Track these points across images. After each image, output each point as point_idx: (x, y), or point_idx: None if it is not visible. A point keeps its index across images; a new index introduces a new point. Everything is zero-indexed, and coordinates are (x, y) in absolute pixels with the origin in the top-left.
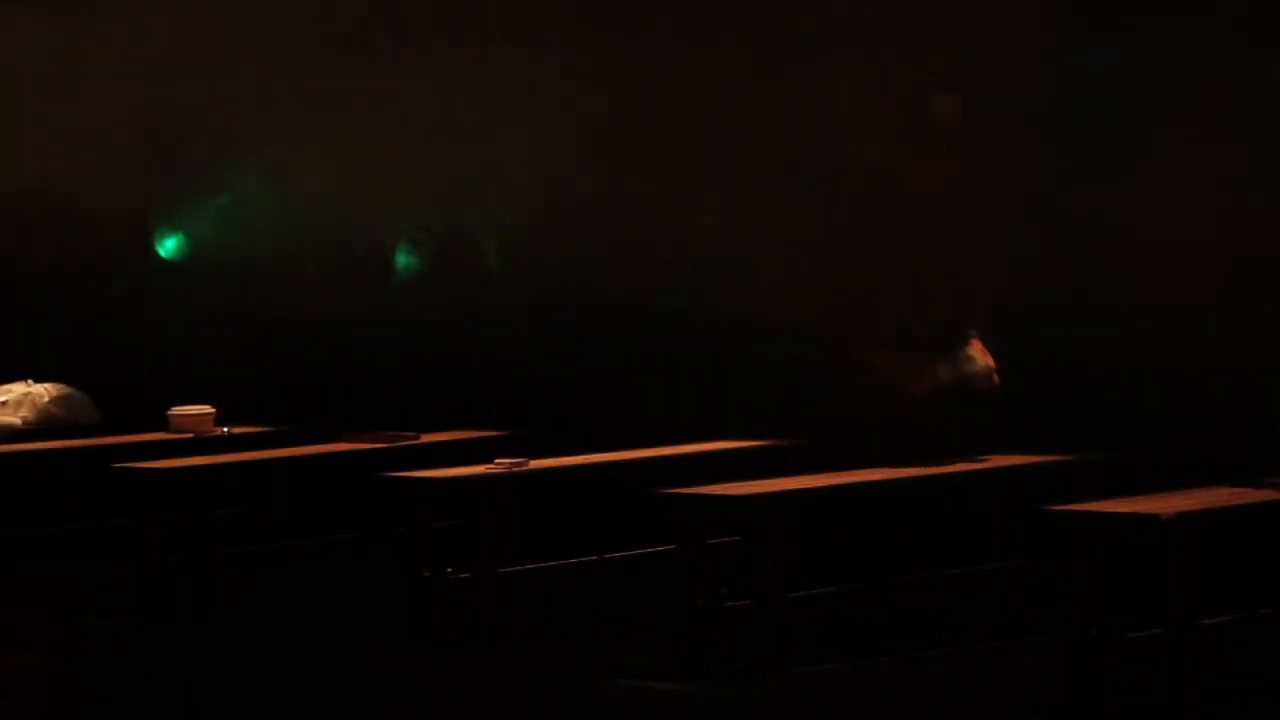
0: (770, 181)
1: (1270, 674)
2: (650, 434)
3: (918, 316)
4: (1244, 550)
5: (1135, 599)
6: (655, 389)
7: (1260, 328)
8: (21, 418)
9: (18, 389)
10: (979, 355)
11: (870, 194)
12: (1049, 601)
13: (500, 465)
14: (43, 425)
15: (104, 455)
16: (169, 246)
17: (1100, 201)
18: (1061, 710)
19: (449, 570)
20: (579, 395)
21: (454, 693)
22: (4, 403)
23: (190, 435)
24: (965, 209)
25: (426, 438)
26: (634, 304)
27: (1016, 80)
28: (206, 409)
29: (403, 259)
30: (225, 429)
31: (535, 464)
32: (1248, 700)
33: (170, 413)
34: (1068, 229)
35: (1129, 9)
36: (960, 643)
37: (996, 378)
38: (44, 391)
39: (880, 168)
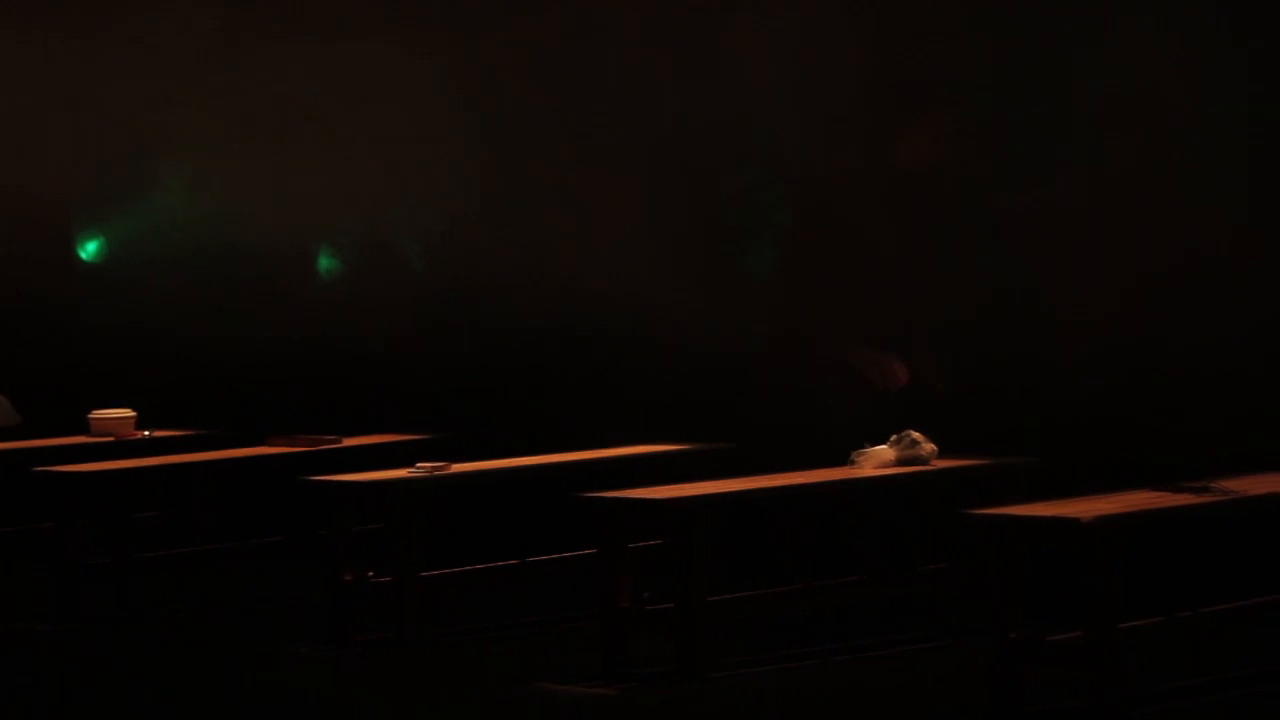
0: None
1: (1190, 677)
2: (573, 438)
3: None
4: (1164, 554)
5: (1058, 602)
6: (576, 395)
7: (1180, 333)
8: None
9: None
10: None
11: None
12: (972, 605)
13: (421, 469)
14: None
15: (24, 458)
16: (90, 250)
17: (1025, 206)
18: (982, 714)
19: (370, 574)
20: (501, 400)
21: (376, 697)
22: None
23: (111, 438)
24: (890, 216)
25: (348, 441)
26: (555, 311)
27: (944, 83)
28: (127, 412)
29: (324, 263)
30: (146, 432)
31: (456, 468)
32: (1168, 704)
33: (91, 416)
34: (992, 233)
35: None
36: (883, 646)
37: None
38: None
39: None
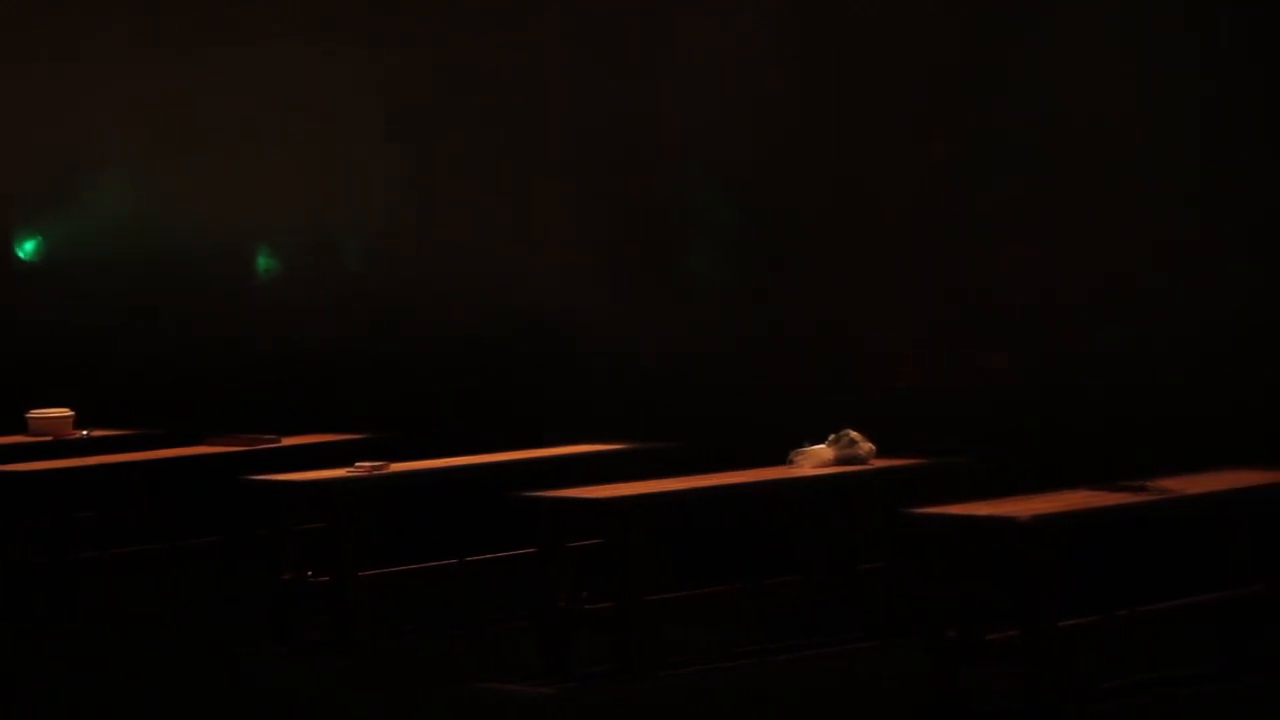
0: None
1: (1128, 676)
2: (512, 438)
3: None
4: (1102, 553)
5: (997, 601)
6: (516, 395)
7: (1122, 334)
8: None
9: None
10: (859, 440)
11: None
12: (911, 604)
13: (361, 468)
14: None
15: None
16: (27, 249)
17: (973, 205)
18: (922, 713)
19: (310, 574)
20: (440, 400)
21: (316, 697)
22: None
23: (50, 438)
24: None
25: (287, 441)
26: (493, 311)
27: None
28: (66, 412)
29: (263, 262)
30: (85, 432)
31: (396, 467)
32: (1106, 702)
33: (29, 415)
34: (939, 232)
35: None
36: (822, 645)
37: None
38: None
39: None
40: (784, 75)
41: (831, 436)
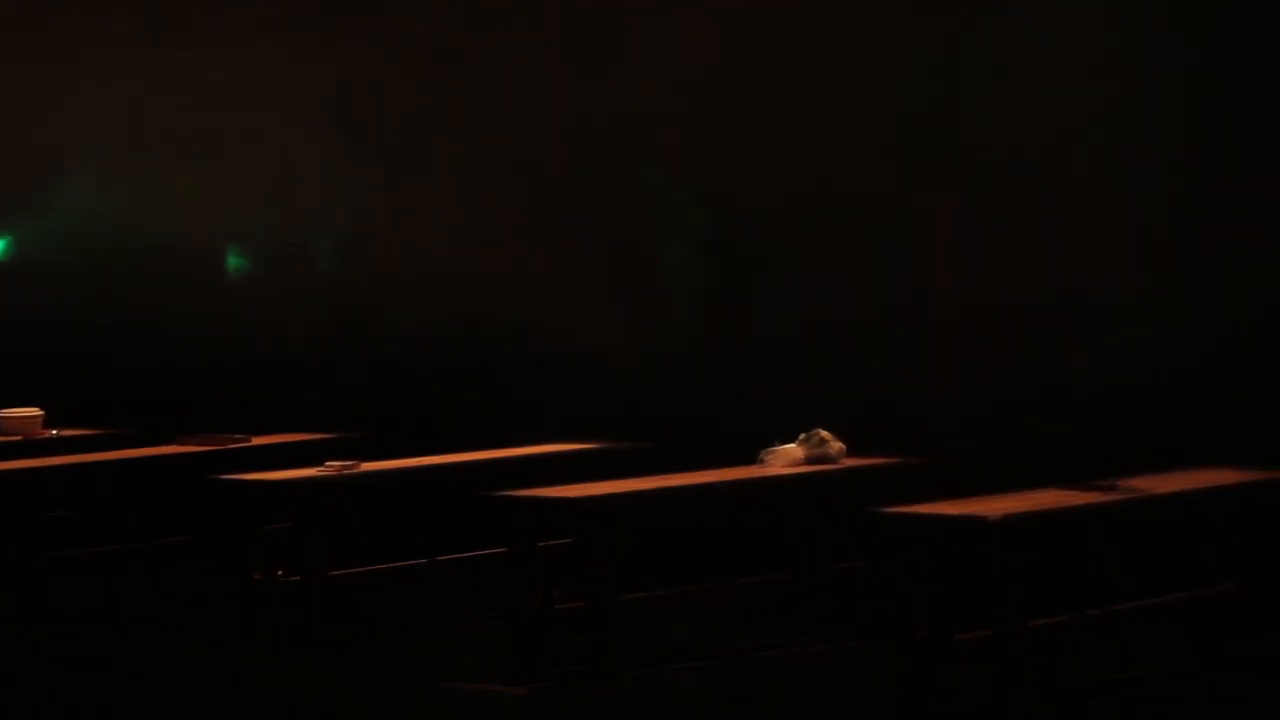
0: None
1: (1098, 675)
2: (483, 438)
3: None
4: (1072, 553)
5: (970, 601)
6: (487, 395)
7: (1088, 334)
8: None
9: None
10: (830, 439)
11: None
12: (881, 603)
13: (331, 468)
14: None
15: None
16: None
17: (942, 207)
18: (892, 712)
19: (280, 573)
20: (411, 399)
21: (286, 697)
22: None
23: (19, 438)
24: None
25: (257, 440)
26: (463, 313)
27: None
28: (34, 411)
29: (233, 261)
30: (54, 431)
31: (366, 466)
32: (1076, 702)
33: None
34: (908, 233)
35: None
36: (793, 644)
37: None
38: None
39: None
40: (752, 75)
41: (802, 436)
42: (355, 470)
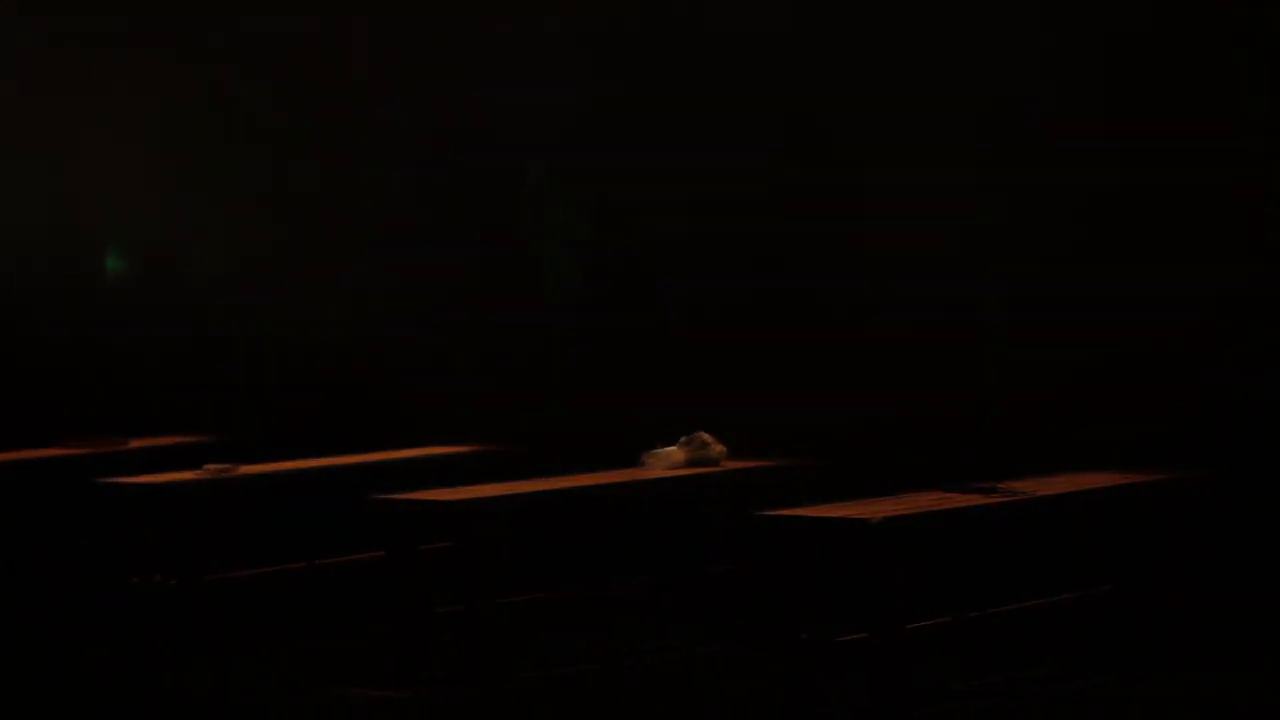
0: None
1: (979, 677)
2: (362, 441)
3: None
4: (953, 554)
5: (852, 603)
6: (365, 398)
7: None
8: None
9: None
10: (711, 442)
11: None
12: (762, 605)
13: (209, 471)
14: None
15: None
16: None
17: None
18: (774, 714)
19: (158, 578)
20: (290, 402)
21: (162, 701)
22: None
23: None
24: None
25: (136, 443)
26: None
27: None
28: None
29: (112, 263)
30: None
31: (245, 469)
32: (956, 703)
33: None
34: (782, 236)
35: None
36: (674, 647)
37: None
38: None
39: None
40: (626, 80)
41: (683, 438)
42: (234, 473)
